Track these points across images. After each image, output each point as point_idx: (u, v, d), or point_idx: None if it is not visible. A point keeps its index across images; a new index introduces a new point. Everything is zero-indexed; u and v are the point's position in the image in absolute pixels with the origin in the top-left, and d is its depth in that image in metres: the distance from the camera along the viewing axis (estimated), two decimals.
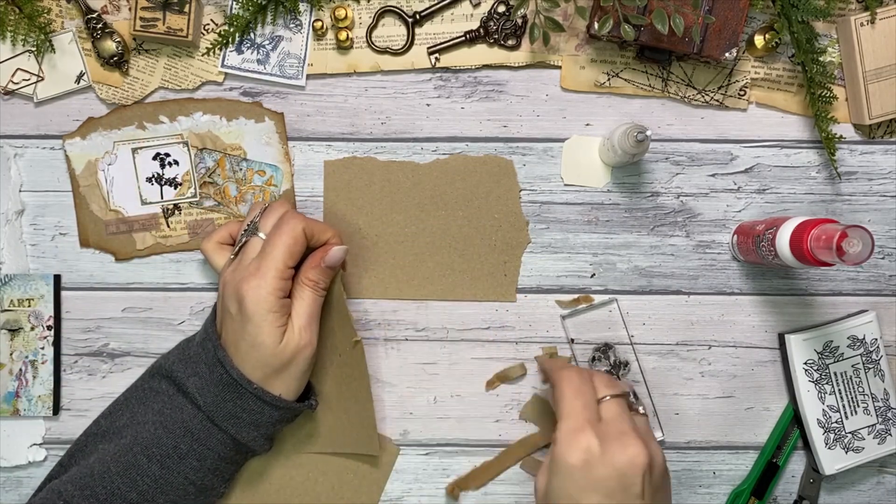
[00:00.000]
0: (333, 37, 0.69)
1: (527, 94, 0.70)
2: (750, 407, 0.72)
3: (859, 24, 0.67)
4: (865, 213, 0.71)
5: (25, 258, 0.70)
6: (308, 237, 0.62)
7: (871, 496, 0.73)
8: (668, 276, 0.71)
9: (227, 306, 0.61)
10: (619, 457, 0.54)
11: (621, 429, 0.56)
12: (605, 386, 0.59)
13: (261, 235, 0.62)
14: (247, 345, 0.60)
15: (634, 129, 0.61)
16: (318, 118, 0.70)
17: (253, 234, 0.63)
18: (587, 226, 0.71)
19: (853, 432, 0.70)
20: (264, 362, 0.60)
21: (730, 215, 0.71)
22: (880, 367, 0.70)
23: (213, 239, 0.66)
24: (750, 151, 0.71)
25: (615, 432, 0.56)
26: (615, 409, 0.58)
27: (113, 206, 0.70)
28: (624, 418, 0.57)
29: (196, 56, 0.69)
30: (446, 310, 0.71)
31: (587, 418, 0.56)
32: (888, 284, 0.72)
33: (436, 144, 0.70)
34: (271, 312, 0.59)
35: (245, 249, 0.63)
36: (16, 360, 0.70)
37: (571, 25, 0.69)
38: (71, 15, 0.68)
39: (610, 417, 0.57)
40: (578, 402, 0.57)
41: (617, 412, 0.57)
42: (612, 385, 0.59)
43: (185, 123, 0.69)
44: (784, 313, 0.72)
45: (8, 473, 0.71)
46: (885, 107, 0.68)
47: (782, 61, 0.70)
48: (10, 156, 0.70)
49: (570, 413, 0.57)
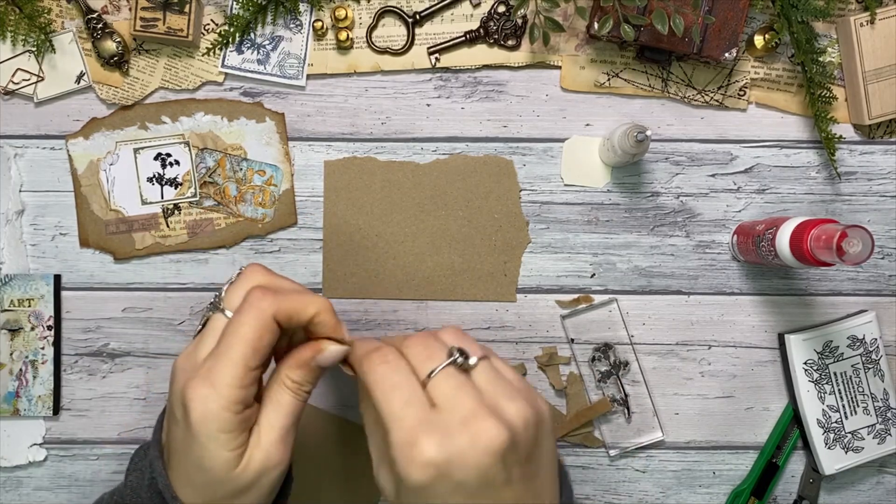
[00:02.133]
0: (333, 37, 0.69)
1: (527, 95, 0.70)
2: (750, 407, 0.72)
3: (859, 24, 0.67)
4: (865, 213, 0.71)
5: (25, 258, 0.70)
6: (283, 322, 0.47)
7: (870, 496, 0.73)
8: (668, 276, 0.71)
9: (173, 407, 0.47)
10: (470, 453, 0.42)
11: (462, 412, 0.43)
12: (424, 358, 0.45)
13: (226, 314, 0.48)
14: (191, 464, 0.46)
15: (634, 129, 0.61)
16: (319, 118, 0.70)
17: (216, 310, 0.49)
18: (587, 226, 0.71)
19: (853, 432, 0.70)
20: (211, 489, 0.46)
21: (730, 215, 0.71)
22: (880, 367, 0.70)
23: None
24: (750, 151, 0.71)
25: (456, 420, 0.43)
26: (446, 385, 0.44)
27: (113, 206, 0.70)
28: (461, 393, 0.44)
29: (196, 56, 0.69)
30: (446, 310, 0.71)
31: (417, 419, 0.43)
32: (888, 284, 0.72)
33: (436, 144, 0.70)
34: (223, 433, 0.45)
35: (206, 329, 0.48)
36: (16, 360, 0.70)
37: (571, 25, 0.69)
38: (71, 15, 0.69)
39: (443, 399, 0.44)
40: (397, 401, 0.44)
41: (450, 388, 0.44)
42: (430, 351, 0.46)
43: (187, 124, 0.69)
44: (784, 313, 0.72)
45: (8, 473, 0.71)
46: (884, 107, 0.68)
47: (782, 61, 0.70)
48: (10, 156, 0.70)
49: (393, 420, 0.43)
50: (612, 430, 0.72)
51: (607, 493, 0.73)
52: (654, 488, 0.73)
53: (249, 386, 0.45)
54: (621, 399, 0.71)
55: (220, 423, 0.44)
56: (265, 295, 0.46)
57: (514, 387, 0.46)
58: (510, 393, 0.45)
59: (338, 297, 0.71)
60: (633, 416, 0.72)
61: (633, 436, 0.72)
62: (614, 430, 0.72)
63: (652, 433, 0.72)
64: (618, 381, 0.71)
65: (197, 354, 0.47)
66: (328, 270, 0.71)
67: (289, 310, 0.46)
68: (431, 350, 0.46)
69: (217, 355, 0.45)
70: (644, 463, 0.72)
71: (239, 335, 0.45)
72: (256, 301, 0.46)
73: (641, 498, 0.73)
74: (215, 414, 0.44)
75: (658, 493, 0.73)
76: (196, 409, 0.44)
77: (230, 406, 0.44)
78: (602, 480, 0.72)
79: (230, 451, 0.45)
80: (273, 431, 0.47)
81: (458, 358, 0.45)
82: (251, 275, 0.49)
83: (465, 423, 0.43)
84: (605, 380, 0.71)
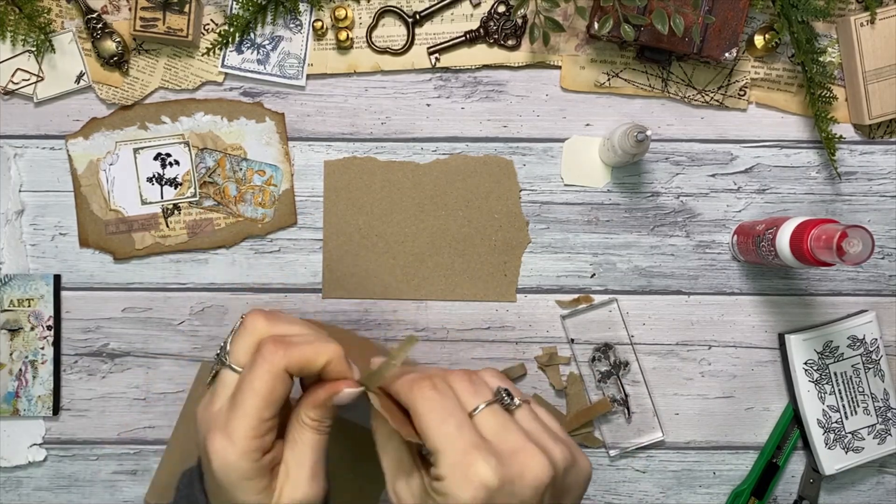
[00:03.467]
0: (333, 37, 0.69)
1: (527, 94, 0.70)
2: (750, 407, 0.72)
3: (859, 24, 0.67)
4: (865, 213, 0.71)
5: (25, 258, 0.70)
6: (295, 373, 0.48)
7: (871, 496, 0.73)
8: (668, 276, 0.71)
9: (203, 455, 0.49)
10: (518, 483, 0.44)
11: (511, 444, 0.45)
12: (470, 393, 0.47)
13: (234, 368, 0.49)
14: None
15: (634, 129, 0.61)
16: (319, 118, 0.70)
17: (223, 365, 0.49)
18: (587, 226, 0.71)
19: (853, 432, 0.70)
20: None
21: (730, 215, 0.71)
22: (880, 367, 0.70)
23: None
24: (750, 151, 0.71)
25: (507, 451, 0.45)
26: (493, 420, 0.46)
27: (113, 206, 0.70)
28: (508, 428, 0.46)
29: (196, 56, 0.69)
30: (446, 310, 0.71)
31: (472, 442, 0.44)
32: (888, 284, 0.72)
33: (436, 144, 0.70)
34: (245, 480, 0.47)
35: (218, 383, 0.49)
36: (16, 360, 0.70)
37: (571, 25, 0.69)
38: (71, 15, 0.68)
39: (492, 432, 0.46)
40: (451, 426, 0.45)
41: (497, 424, 0.46)
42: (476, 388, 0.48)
43: (187, 124, 0.69)
44: (784, 313, 0.72)
45: (8, 473, 0.71)
46: (884, 107, 0.68)
47: (782, 61, 0.70)
48: (10, 156, 0.70)
49: (448, 441, 0.45)
50: (613, 430, 0.72)
51: (607, 493, 0.73)
52: (654, 488, 0.73)
53: (265, 435, 0.47)
54: (621, 399, 0.71)
55: (240, 472, 0.46)
56: (277, 349, 0.47)
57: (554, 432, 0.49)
58: (553, 436, 0.48)
59: (338, 297, 0.71)
60: (633, 416, 0.72)
61: (634, 436, 0.72)
62: (614, 431, 0.72)
63: (652, 433, 0.72)
64: (618, 381, 0.71)
65: (213, 407, 0.48)
66: (328, 270, 0.71)
67: (300, 362, 0.48)
68: (477, 387, 0.48)
69: (233, 408, 0.47)
70: (644, 463, 0.72)
71: (253, 390, 0.46)
72: (269, 355, 0.47)
73: (641, 498, 0.73)
74: (234, 464, 0.46)
75: (658, 494, 0.73)
76: (216, 461, 0.46)
77: (248, 455, 0.46)
78: (602, 480, 0.72)
79: (256, 494, 0.47)
80: (303, 469, 0.48)
81: (504, 398, 0.48)
82: (254, 324, 0.50)
83: (513, 455, 0.45)
84: (605, 380, 0.71)
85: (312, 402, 0.49)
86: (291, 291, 0.71)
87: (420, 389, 0.47)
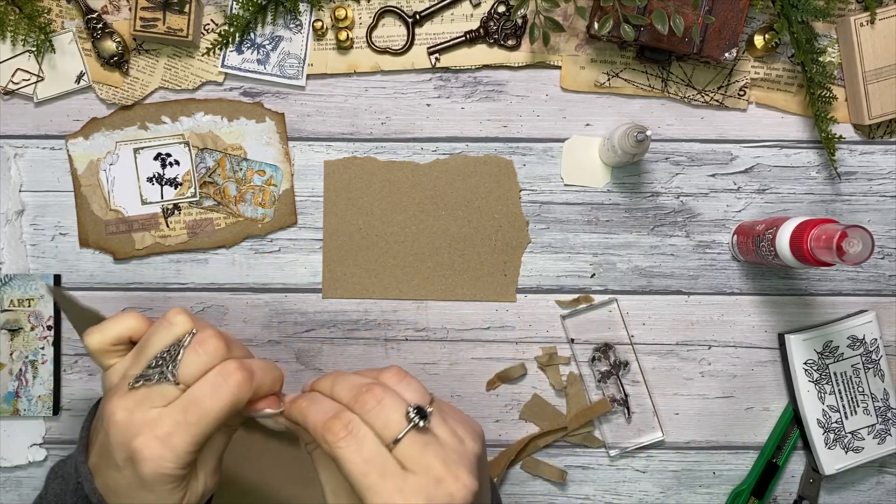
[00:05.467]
0: (333, 37, 0.69)
1: (527, 94, 0.70)
2: (750, 407, 0.72)
3: (859, 24, 0.67)
4: (865, 213, 0.71)
5: (25, 258, 0.70)
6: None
7: (870, 496, 0.73)
8: (668, 276, 0.71)
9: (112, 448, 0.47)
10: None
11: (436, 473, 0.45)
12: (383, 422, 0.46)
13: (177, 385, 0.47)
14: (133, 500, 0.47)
15: (634, 129, 0.61)
16: (319, 118, 0.70)
17: (164, 380, 0.47)
18: (587, 226, 0.71)
19: (853, 432, 0.70)
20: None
21: (730, 215, 0.71)
22: (880, 367, 0.70)
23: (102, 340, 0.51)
24: (750, 151, 0.71)
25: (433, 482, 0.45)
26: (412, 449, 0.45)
27: (113, 206, 0.70)
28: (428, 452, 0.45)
29: (196, 56, 0.69)
30: (446, 310, 0.71)
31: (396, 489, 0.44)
32: (888, 284, 0.72)
33: (436, 144, 0.70)
34: (171, 484, 0.47)
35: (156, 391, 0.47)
36: (16, 360, 0.70)
37: (571, 25, 0.69)
38: (71, 15, 0.69)
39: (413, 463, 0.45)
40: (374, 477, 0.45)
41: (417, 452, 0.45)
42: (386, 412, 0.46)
43: (187, 123, 0.69)
44: (784, 313, 0.72)
45: (8, 473, 0.71)
46: (884, 107, 0.68)
47: (782, 61, 0.70)
48: (10, 156, 0.70)
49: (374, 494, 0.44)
50: (612, 430, 0.72)
51: (607, 493, 0.73)
52: (654, 488, 0.73)
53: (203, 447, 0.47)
54: (621, 399, 0.71)
55: (172, 479, 0.46)
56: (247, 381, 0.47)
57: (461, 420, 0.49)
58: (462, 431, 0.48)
59: (338, 297, 0.71)
60: (633, 416, 0.72)
61: (633, 436, 0.72)
62: (614, 430, 0.72)
63: (652, 433, 0.72)
64: (618, 381, 0.71)
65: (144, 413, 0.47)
66: (328, 270, 0.71)
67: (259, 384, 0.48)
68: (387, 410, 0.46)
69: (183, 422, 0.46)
70: (644, 463, 0.72)
71: (207, 410, 0.46)
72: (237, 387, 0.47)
73: (641, 498, 0.73)
74: (170, 473, 0.46)
75: (658, 493, 0.73)
76: (149, 467, 0.46)
77: (185, 466, 0.46)
78: (602, 480, 0.72)
79: (177, 495, 0.47)
80: (208, 465, 0.49)
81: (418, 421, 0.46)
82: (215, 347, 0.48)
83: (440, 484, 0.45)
84: (605, 380, 0.71)
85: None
86: (291, 291, 0.71)
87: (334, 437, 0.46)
